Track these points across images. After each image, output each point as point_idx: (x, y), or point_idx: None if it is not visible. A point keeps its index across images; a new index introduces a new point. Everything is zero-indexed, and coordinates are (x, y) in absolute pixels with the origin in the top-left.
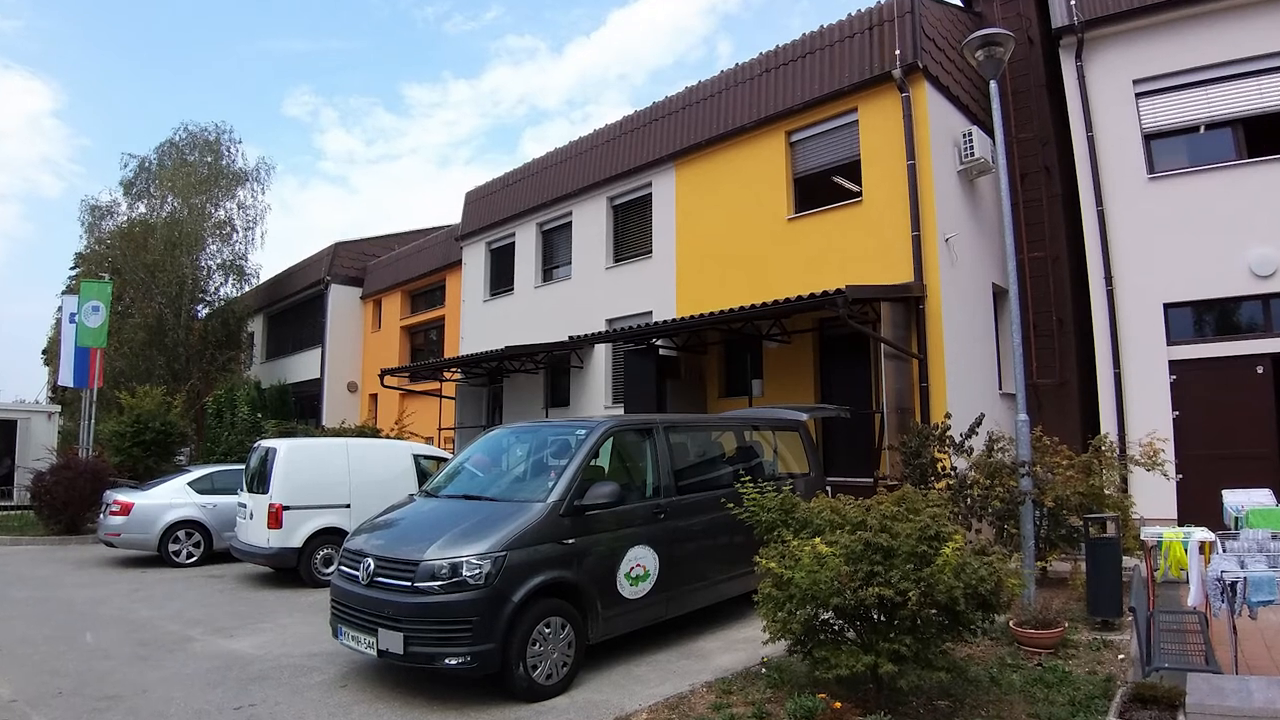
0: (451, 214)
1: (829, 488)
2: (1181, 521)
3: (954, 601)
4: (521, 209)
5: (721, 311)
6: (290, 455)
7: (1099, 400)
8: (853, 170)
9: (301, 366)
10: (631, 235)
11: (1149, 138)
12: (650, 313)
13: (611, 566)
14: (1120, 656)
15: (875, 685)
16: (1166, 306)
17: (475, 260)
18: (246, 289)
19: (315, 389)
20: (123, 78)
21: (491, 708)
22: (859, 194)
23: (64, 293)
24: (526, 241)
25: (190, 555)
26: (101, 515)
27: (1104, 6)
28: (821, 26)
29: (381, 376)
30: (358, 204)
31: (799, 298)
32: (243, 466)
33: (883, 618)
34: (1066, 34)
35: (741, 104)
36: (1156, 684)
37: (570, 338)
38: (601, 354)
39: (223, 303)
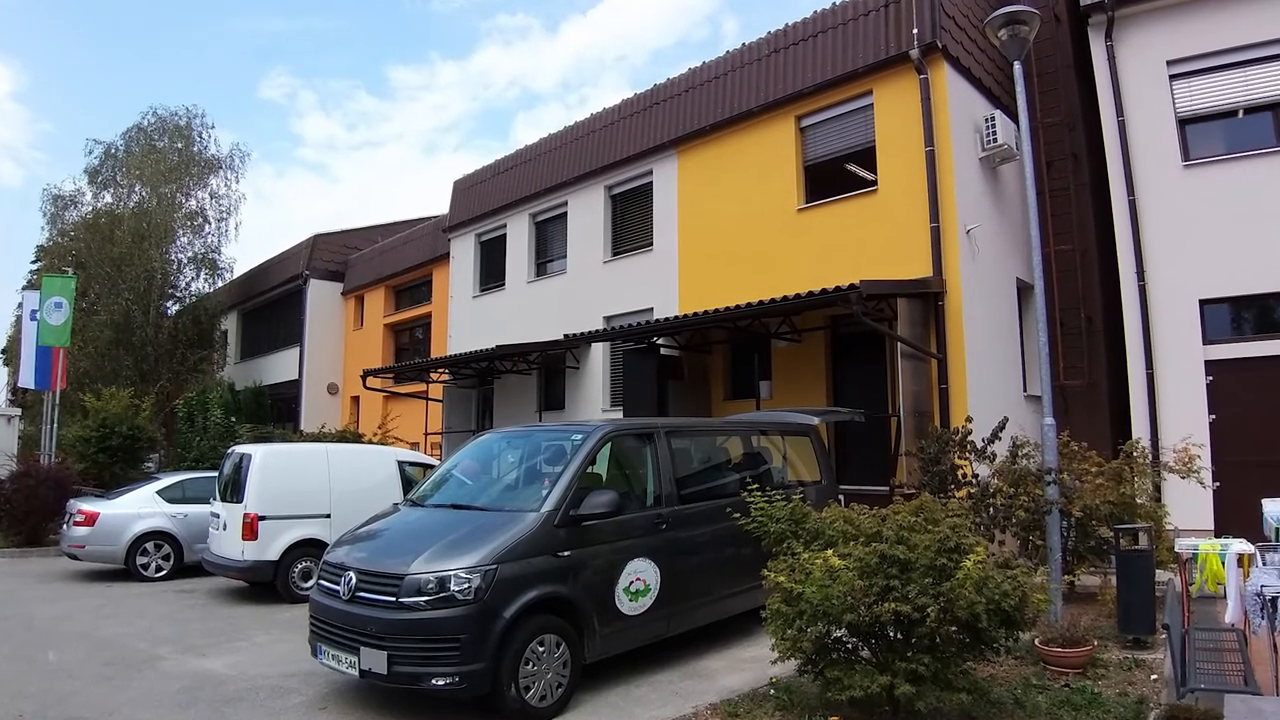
0: (439, 204)
1: (842, 496)
2: (1218, 532)
3: (975, 618)
4: (513, 199)
5: (727, 308)
6: (266, 462)
7: (1130, 403)
8: (867, 157)
9: (278, 367)
10: (631, 227)
11: (1184, 122)
12: (651, 309)
13: (609, 580)
14: (1153, 677)
15: (891, 707)
16: (1202, 303)
17: (464, 253)
18: (220, 284)
19: (293, 391)
20: (87, 59)
21: None
22: (874, 183)
23: (24, 288)
24: (519, 233)
25: (159, 568)
26: (65, 526)
27: None
28: (834, 4)
29: (364, 378)
30: (339, 193)
31: (810, 293)
32: (215, 474)
33: (899, 635)
34: (1095, 12)
35: (748, 87)
36: (1191, 706)
37: (566, 336)
38: (599, 353)
39: (194, 299)
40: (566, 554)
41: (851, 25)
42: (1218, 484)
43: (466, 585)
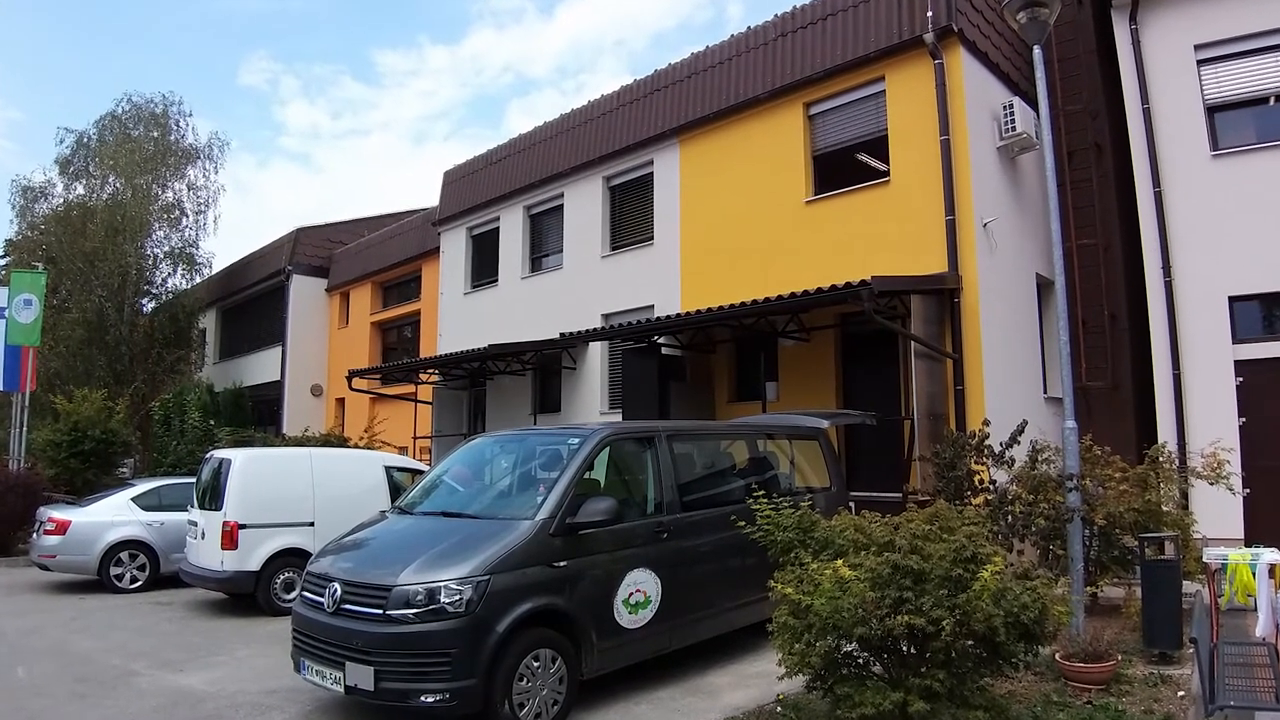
0: (428, 196)
1: (852, 504)
2: (1249, 541)
3: (993, 631)
4: (507, 190)
5: (731, 305)
6: (247, 467)
7: (1156, 405)
8: (879, 147)
9: (259, 367)
10: (630, 220)
11: (1212, 110)
12: (651, 307)
13: (608, 592)
14: (1180, 693)
15: None
16: (1232, 300)
17: (455, 248)
18: (198, 280)
19: (275, 392)
20: (58, 43)
21: None
22: (886, 174)
23: None
24: (512, 227)
25: (134, 579)
26: (35, 535)
27: None
28: None
29: (349, 379)
30: (323, 185)
31: (819, 290)
32: (193, 480)
33: (913, 650)
34: None
35: (754, 72)
36: None
37: (562, 335)
38: (597, 353)
39: (171, 295)
40: (563, 564)
41: (863, 8)
42: (1248, 490)
43: (457, 597)
